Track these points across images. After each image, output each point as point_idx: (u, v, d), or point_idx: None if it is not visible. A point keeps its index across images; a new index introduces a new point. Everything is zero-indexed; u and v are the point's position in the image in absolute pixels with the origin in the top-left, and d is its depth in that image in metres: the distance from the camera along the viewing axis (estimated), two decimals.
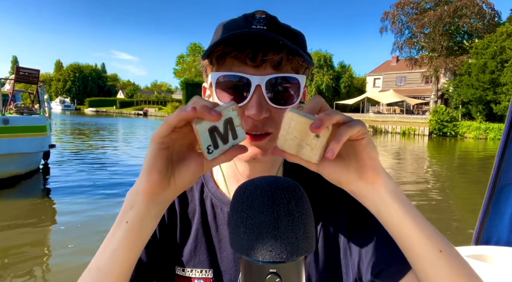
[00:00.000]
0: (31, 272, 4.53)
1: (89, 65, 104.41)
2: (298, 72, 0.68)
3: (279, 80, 0.64)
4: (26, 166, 9.60)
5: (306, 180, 0.78)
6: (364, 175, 0.53)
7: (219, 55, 0.64)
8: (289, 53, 0.63)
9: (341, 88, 45.47)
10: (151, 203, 0.52)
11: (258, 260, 0.41)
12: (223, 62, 0.65)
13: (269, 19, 0.65)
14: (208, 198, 0.79)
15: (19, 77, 10.16)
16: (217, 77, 0.65)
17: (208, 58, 0.66)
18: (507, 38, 27.31)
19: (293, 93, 0.66)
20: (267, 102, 0.64)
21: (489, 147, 22.82)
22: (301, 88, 0.67)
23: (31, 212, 6.94)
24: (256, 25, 0.63)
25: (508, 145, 1.98)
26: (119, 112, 74.40)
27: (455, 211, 8.00)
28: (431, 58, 35.99)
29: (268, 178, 0.46)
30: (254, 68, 0.63)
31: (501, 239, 2.01)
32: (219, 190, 0.80)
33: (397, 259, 0.66)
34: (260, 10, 0.66)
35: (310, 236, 0.43)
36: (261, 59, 0.62)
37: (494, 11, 34.13)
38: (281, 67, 0.64)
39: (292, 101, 0.67)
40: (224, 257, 0.75)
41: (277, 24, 0.65)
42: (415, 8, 36.52)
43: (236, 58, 0.63)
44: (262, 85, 0.63)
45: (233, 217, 0.44)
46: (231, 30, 0.63)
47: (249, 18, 0.65)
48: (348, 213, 0.74)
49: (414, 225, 0.54)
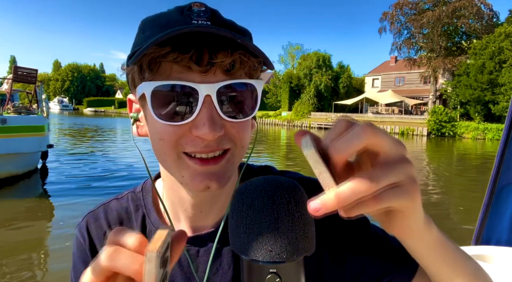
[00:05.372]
0: (30, 271, 4.52)
1: (88, 65, 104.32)
2: (252, 77, 0.56)
3: (233, 88, 0.52)
4: (24, 166, 9.57)
5: None
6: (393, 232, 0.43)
7: (152, 59, 0.50)
8: (242, 54, 0.51)
9: (339, 89, 45.52)
10: None
11: (258, 260, 0.40)
12: (158, 67, 0.51)
13: (210, 12, 0.53)
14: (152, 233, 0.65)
15: (17, 77, 10.14)
16: (151, 89, 0.51)
17: (137, 64, 0.52)
18: (505, 39, 27.42)
19: (251, 103, 0.55)
20: (220, 117, 0.52)
21: (487, 147, 22.89)
22: (258, 96, 0.56)
23: (30, 212, 6.92)
24: (197, 20, 0.51)
25: (508, 145, 1.98)
26: (117, 112, 74.25)
27: (455, 211, 8.02)
28: (429, 58, 36.10)
29: (268, 178, 0.45)
30: (201, 74, 0.51)
31: (501, 239, 2.01)
32: (162, 222, 0.67)
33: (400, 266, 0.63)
34: (197, 2, 0.53)
35: (310, 236, 0.43)
36: (208, 62, 0.50)
37: (492, 11, 34.29)
38: (234, 71, 0.52)
39: (250, 113, 0.55)
40: None
41: (221, 19, 0.54)
42: (413, 9, 36.64)
43: (176, 62, 0.50)
44: (212, 96, 0.50)
45: (233, 217, 0.44)
46: (165, 27, 0.50)
47: (185, 11, 0.52)
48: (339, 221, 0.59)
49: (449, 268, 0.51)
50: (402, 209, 0.38)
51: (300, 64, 46.54)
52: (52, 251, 5.29)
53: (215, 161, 0.54)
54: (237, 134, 0.55)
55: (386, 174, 0.34)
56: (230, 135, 0.54)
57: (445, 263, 0.50)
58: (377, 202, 0.34)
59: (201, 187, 0.54)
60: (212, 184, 0.54)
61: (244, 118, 0.55)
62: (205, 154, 0.53)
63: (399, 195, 0.35)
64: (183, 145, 0.53)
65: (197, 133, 0.51)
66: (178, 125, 0.52)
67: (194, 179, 0.54)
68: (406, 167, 0.35)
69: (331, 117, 36.63)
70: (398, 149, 0.35)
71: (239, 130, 0.55)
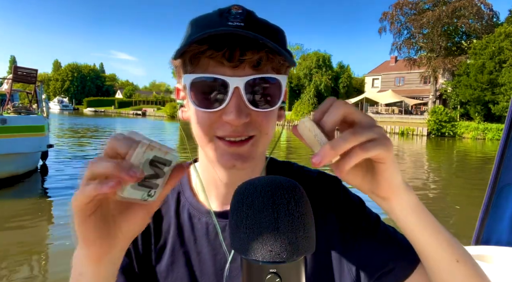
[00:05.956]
0: (30, 271, 4.53)
1: (88, 65, 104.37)
2: (279, 72, 0.63)
3: (259, 82, 0.60)
4: (25, 166, 9.57)
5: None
6: (378, 191, 0.53)
7: (193, 55, 0.59)
8: (269, 52, 0.59)
9: (339, 89, 45.53)
10: (102, 266, 0.48)
11: (258, 260, 0.40)
12: (198, 62, 0.60)
13: (246, 14, 0.60)
14: (185, 208, 0.74)
15: (17, 77, 10.13)
16: (191, 80, 0.59)
17: (181, 58, 0.61)
18: (505, 39, 27.42)
19: (275, 95, 0.62)
20: (246, 106, 0.59)
21: (487, 147, 22.89)
22: (282, 89, 0.63)
23: (30, 212, 6.91)
24: (233, 21, 0.58)
25: (508, 145, 1.98)
26: (117, 112, 74.32)
27: (455, 211, 8.02)
28: (429, 58, 36.08)
29: (268, 178, 0.46)
30: (232, 69, 0.58)
31: (501, 239, 2.01)
32: (196, 198, 0.75)
33: (400, 260, 0.66)
34: (236, 5, 0.61)
35: (310, 236, 0.43)
36: (238, 59, 0.58)
37: (492, 11, 34.27)
38: (260, 67, 0.59)
39: (274, 104, 0.62)
40: (204, 270, 0.70)
41: (255, 20, 0.60)
42: (413, 9, 36.62)
43: (212, 58, 0.58)
44: (240, 87, 0.58)
45: (233, 217, 0.44)
46: (205, 27, 0.57)
47: (224, 14, 0.60)
48: (341, 218, 0.72)
49: (431, 237, 0.55)
50: (383, 158, 0.47)
51: (300, 64, 46.41)
52: (52, 250, 5.29)
53: (241, 144, 0.62)
54: (261, 122, 0.62)
55: (365, 131, 0.46)
56: (255, 123, 0.62)
57: (426, 228, 0.55)
58: (363, 150, 0.45)
59: (228, 165, 0.63)
60: (237, 163, 0.62)
61: (268, 108, 0.62)
62: (233, 138, 0.61)
63: (379, 145, 0.46)
64: (215, 129, 0.62)
65: (226, 119, 0.59)
66: (211, 112, 0.60)
67: (222, 158, 0.63)
68: (379, 128, 0.47)
69: None
70: (370, 118, 0.48)
71: (263, 119, 0.62)
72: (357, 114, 0.48)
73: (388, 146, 0.47)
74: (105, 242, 0.46)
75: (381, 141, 0.46)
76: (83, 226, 0.44)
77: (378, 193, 0.53)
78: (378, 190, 0.52)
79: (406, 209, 0.54)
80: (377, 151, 0.46)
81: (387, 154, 0.47)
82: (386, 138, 0.47)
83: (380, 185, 0.51)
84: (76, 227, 0.44)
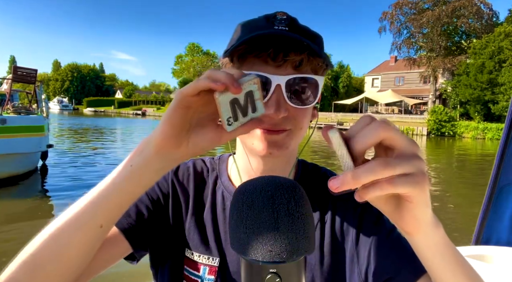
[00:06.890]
0: None
1: (87, 65, 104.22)
2: (317, 74, 0.68)
3: (299, 81, 0.65)
4: (24, 166, 9.56)
5: (317, 183, 0.79)
6: (401, 224, 0.47)
7: (241, 54, 0.65)
8: (310, 54, 0.64)
9: (339, 88, 45.54)
10: (159, 156, 0.52)
11: (258, 260, 0.40)
12: (244, 61, 0.66)
13: (290, 20, 0.65)
14: (220, 190, 0.81)
15: (17, 77, 10.12)
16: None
17: (229, 56, 0.67)
18: (505, 38, 27.40)
19: (312, 94, 0.68)
20: (285, 102, 0.65)
21: (487, 146, 22.90)
22: (319, 89, 0.68)
23: (30, 212, 6.92)
24: (278, 26, 0.64)
25: (508, 145, 1.98)
26: (117, 112, 74.21)
27: (454, 211, 8.02)
28: (429, 58, 36.08)
29: (268, 177, 0.46)
30: (275, 68, 0.64)
31: (501, 239, 2.00)
32: (231, 183, 0.81)
33: (406, 268, 0.66)
34: (281, 11, 0.67)
35: (310, 236, 0.43)
36: (282, 59, 0.63)
37: (492, 11, 34.26)
38: (301, 67, 0.65)
39: (310, 102, 0.68)
40: (229, 248, 0.75)
41: (297, 25, 0.66)
42: (413, 8, 36.62)
43: (258, 58, 0.64)
44: (282, 85, 0.63)
45: (233, 217, 0.44)
46: (253, 30, 0.64)
47: (270, 19, 0.66)
48: (358, 219, 0.74)
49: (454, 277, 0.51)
50: (412, 197, 0.41)
51: None
52: None
53: (278, 133, 0.67)
54: (297, 117, 0.68)
55: (400, 163, 0.39)
56: (291, 118, 0.67)
57: (449, 267, 0.51)
58: (390, 185, 0.39)
59: (264, 153, 0.68)
60: (273, 150, 0.67)
61: (304, 106, 0.67)
62: (272, 129, 0.66)
63: (410, 183, 0.39)
64: None
65: (267, 113, 0.63)
66: None
67: (260, 145, 0.68)
68: (419, 161, 0.40)
69: (331, 117, 36.62)
70: (412, 146, 0.41)
71: (299, 114, 0.68)
72: (398, 141, 0.41)
73: (422, 185, 0.40)
74: (176, 136, 0.51)
75: (415, 178, 0.39)
76: (173, 111, 0.49)
77: (401, 226, 0.48)
78: (401, 223, 0.47)
79: (431, 247, 0.49)
80: (407, 189, 0.40)
81: (418, 194, 0.41)
82: (422, 175, 0.40)
83: (404, 219, 0.46)
84: (167, 111, 0.50)
